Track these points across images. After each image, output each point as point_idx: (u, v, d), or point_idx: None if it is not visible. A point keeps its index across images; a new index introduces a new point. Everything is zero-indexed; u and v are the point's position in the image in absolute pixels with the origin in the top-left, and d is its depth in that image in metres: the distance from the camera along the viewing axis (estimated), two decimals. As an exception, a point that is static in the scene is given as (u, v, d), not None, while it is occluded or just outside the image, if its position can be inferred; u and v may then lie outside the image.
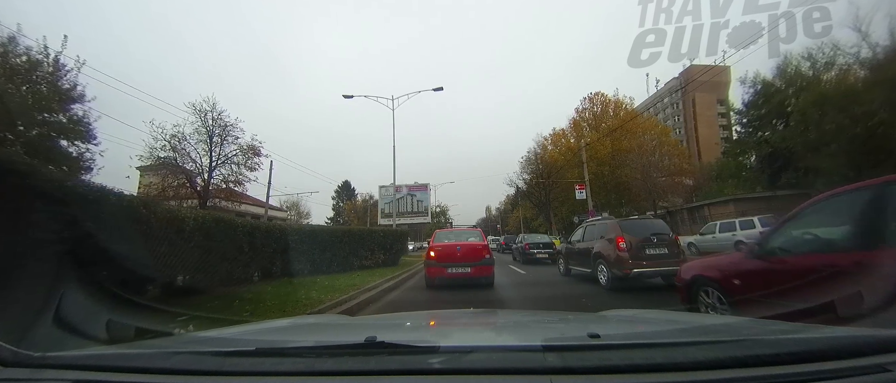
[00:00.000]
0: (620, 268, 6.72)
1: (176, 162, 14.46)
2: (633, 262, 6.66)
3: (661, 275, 6.67)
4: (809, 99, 17.76)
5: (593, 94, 34.94)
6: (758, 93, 22.68)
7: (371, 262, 11.26)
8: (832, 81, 17.89)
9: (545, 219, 37.96)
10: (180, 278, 5.12)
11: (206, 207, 14.39)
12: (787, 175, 21.22)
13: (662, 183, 27.61)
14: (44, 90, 11.70)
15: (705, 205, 25.14)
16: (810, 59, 19.08)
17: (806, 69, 19.75)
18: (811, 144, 17.81)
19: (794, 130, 19.39)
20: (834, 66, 17.89)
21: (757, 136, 24.17)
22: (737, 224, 14.40)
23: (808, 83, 19.14)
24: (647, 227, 7.44)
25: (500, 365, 0.98)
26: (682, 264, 4.53)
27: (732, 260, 3.80)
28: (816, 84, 18.38)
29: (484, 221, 74.25)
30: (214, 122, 14.89)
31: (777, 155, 21.42)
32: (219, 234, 5.86)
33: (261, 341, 1.44)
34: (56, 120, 12.38)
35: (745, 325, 1.56)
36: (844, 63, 17.24)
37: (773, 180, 22.42)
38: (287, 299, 5.58)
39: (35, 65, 11.50)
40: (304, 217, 46.02)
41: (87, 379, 0.98)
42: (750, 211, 17.79)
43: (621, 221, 8.11)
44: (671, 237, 7.27)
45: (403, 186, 36.83)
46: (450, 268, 7.43)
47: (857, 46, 16.15)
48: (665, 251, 6.89)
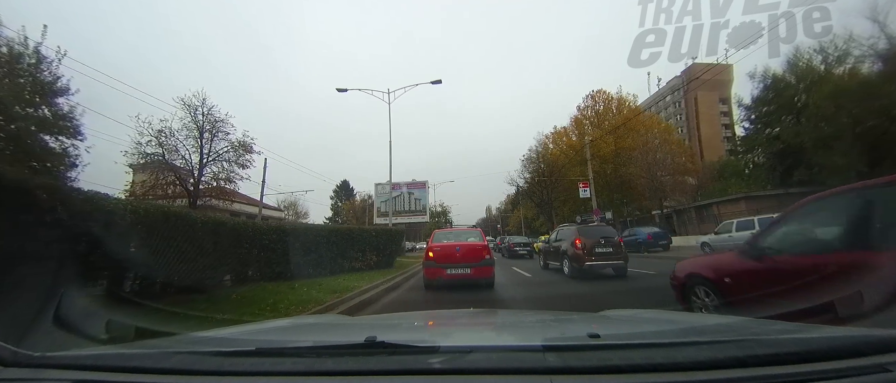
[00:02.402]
0: (578, 262, 9.13)
1: (163, 158, 14.30)
2: (586, 258, 9.02)
3: (612, 268, 9.18)
4: (824, 92, 17.69)
5: (595, 91, 35.06)
6: (767, 88, 22.64)
7: (362, 265, 10.93)
8: (847, 74, 17.85)
9: (547, 218, 38.03)
10: (104, 283, 4.56)
11: (197, 206, 14.32)
12: (799, 172, 21.22)
13: (667, 181, 27.71)
14: (22, 82, 11.60)
15: (714, 204, 25.16)
16: (823, 53, 19.08)
17: (818, 63, 19.76)
18: (826, 139, 17.71)
19: (808, 125, 19.36)
20: (849, 58, 17.80)
21: (766, 133, 24.19)
22: (755, 222, 13.64)
23: (820, 77, 19.13)
24: (598, 232, 9.86)
25: (500, 365, 1.00)
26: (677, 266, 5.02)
27: (726, 259, 4.01)
28: (831, 77, 18.32)
29: (484, 221, 74.36)
30: (205, 118, 14.75)
31: (788, 151, 21.44)
32: (170, 231, 5.26)
33: (261, 341, 1.47)
34: (38, 114, 12.28)
35: (745, 325, 1.59)
36: (860, 55, 17.15)
37: (785, 177, 22.45)
38: (246, 310, 4.97)
39: (17, 57, 11.37)
40: (303, 217, 46.13)
41: (87, 379, 1.01)
42: (762, 209, 17.55)
43: (579, 227, 10.67)
44: (616, 240, 9.69)
45: (402, 184, 36.81)
46: (449, 269, 7.49)
47: (875, 37, 16.07)
48: (611, 250, 9.29)
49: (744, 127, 27.03)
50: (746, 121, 26.18)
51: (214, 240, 6.34)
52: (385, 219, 26.43)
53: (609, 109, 34.58)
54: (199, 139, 14.77)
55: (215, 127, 14.96)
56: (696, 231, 24.84)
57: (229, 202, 19.01)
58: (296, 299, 5.87)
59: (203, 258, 5.93)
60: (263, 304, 5.31)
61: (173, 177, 14.85)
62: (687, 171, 30.24)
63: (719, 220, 21.35)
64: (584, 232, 9.78)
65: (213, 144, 15.11)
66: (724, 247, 13.79)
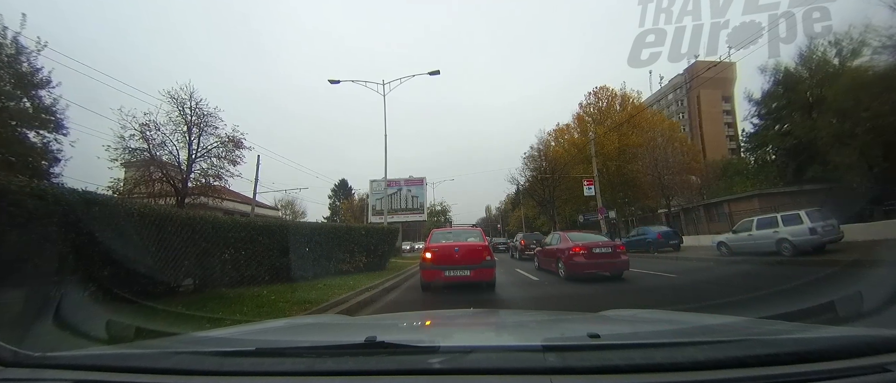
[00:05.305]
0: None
1: (149, 152, 14.18)
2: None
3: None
4: (841, 86, 17.64)
5: (598, 88, 35.08)
6: (778, 82, 22.60)
7: (350, 267, 10.43)
8: (864, 67, 17.78)
9: (549, 217, 38.12)
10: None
11: (185, 205, 14.27)
12: (813, 168, 21.23)
13: (673, 180, 27.83)
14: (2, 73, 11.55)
15: (726, 202, 25.23)
16: (837, 46, 19.04)
17: (832, 56, 19.73)
18: (843, 135, 17.61)
19: (822, 120, 19.34)
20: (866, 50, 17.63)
21: (776, 129, 24.20)
22: (779, 219, 12.53)
23: (835, 71, 19.09)
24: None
25: (500, 365, 1.04)
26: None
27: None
28: (847, 71, 18.25)
29: (484, 221, 74.41)
30: (192, 112, 14.58)
31: (801, 147, 21.45)
32: (92, 223, 4.50)
33: (261, 341, 1.52)
34: (19, 107, 12.23)
35: (745, 325, 1.63)
36: (879, 46, 17.02)
37: (798, 174, 22.47)
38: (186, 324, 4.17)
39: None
40: (300, 215, 46.25)
41: (87, 379, 1.05)
42: (776, 206, 17.18)
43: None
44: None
45: (399, 180, 36.80)
46: (447, 270, 7.42)
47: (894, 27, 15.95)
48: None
49: (752, 123, 27.01)
50: (755, 117, 26.16)
51: (158, 237, 5.59)
52: (380, 218, 26.44)
53: (612, 106, 34.62)
54: (188, 134, 14.65)
55: (204, 121, 14.83)
56: (706, 230, 24.86)
57: (220, 200, 18.95)
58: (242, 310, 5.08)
59: (146, 259, 5.24)
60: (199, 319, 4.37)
61: (160, 173, 14.71)
62: (692, 170, 30.37)
63: (731, 219, 21.41)
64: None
65: (201, 140, 14.99)
66: (743, 246, 13.38)
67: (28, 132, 12.64)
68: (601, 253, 9.20)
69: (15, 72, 11.87)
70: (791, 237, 11.81)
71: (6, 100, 11.76)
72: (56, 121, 12.92)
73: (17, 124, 12.16)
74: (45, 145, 12.95)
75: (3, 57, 11.66)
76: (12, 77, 11.85)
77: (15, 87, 11.94)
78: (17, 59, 11.90)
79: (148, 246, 5.38)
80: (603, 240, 10.19)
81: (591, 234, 11.89)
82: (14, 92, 11.95)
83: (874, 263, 7.78)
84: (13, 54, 11.83)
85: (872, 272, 6.98)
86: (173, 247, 5.88)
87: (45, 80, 12.58)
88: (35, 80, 12.39)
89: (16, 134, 12.07)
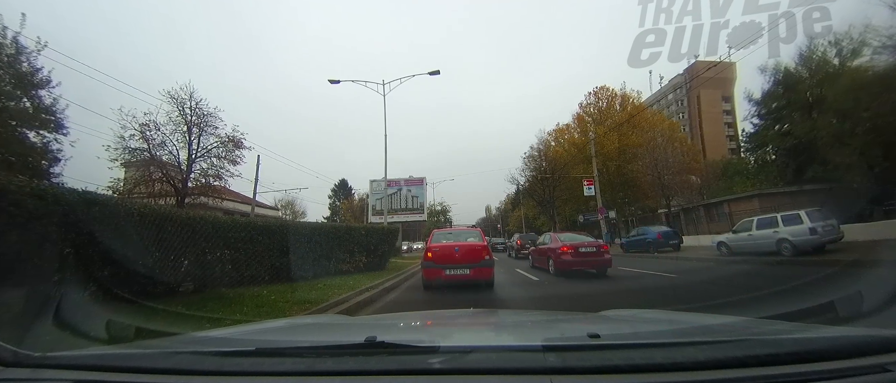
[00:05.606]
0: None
1: (149, 152, 14.22)
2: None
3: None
4: (841, 86, 17.67)
5: (598, 88, 35.15)
6: (778, 82, 22.63)
7: (350, 267, 10.49)
8: (865, 67, 17.79)
9: (548, 217, 38.18)
10: None
11: (185, 205, 14.28)
12: (813, 168, 21.26)
13: (673, 180, 27.86)
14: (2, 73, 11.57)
15: (726, 202, 25.24)
16: (837, 46, 19.06)
17: (832, 56, 19.75)
18: (843, 135, 17.65)
19: (824, 120, 19.37)
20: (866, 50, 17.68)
21: (776, 129, 24.22)
22: (779, 219, 12.65)
23: (834, 71, 19.12)
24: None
25: (500, 365, 1.04)
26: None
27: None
28: (846, 71, 18.29)
29: (484, 221, 74.57)
30: (192, 112, 14.63)
31: (801, 147, 21.48)
32: (92, 223, 4.37)
33: (261, 341, 1.52)
34: (19, 107, 12.24)
35: (745, 325, 1.63)
36: (879, 46, 17.04)
37: (798, 174, 22.49)
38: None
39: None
40: (300, 215, 46.47)
41: (87, 379, 1.05)
42: (776, 206, 17.26)
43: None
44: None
45: (399, 180, 36.84)
46: (448, 269, 7.59)
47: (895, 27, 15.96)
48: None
49: (752, 123, 27.01)
50: (755, 117, 26.17)
51: (159, 236, 5.53)
52: (380, 218, 26.47)
53: (612, 106, 34.68)
54: (188, 134, 14.67)
55: (204, 121, 14.86)
56: (706, 230, 24.87)
57: (220, 200, 18.95)
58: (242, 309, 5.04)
59: (144, 258, 5.17)
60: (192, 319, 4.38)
61: (160, 173, 14.75)
62: (692, 170, 30.42)
63: (731, 219, 21.42)
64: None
65: (201, 140, 15.03)
66: (744, 246, 13.43)
67: (28, 132, 12.66)
68: (586, 252, 10.08)
69: (15, 72, 11.88)
70: (791, 237, 11.90)
71: (6, 100, 11.78)
72: (56, 121, 12.93)
73: (17, 124, 12.18)
74: (45, 145, 12.98)
75: (3, 57, 11.68)
76: (12, 77, 11.86)
77: (15, 86, 11.95)
78: (17, 59, 11.93)
79: (148, 246, 5.36)
80: (588, 241, 11.11)
81: (579, 235, 12.87)
82: (14, 92, 11.97)
83: (874, 263, 7.81)
84: (13, 54, 11.84)
85: (872, 272, 6.99)
86: (173, 247, 5.85)
87: (45, 79, 12.59)
88: (35, 80, 12.40)
89: (16, 134, 12.09)
